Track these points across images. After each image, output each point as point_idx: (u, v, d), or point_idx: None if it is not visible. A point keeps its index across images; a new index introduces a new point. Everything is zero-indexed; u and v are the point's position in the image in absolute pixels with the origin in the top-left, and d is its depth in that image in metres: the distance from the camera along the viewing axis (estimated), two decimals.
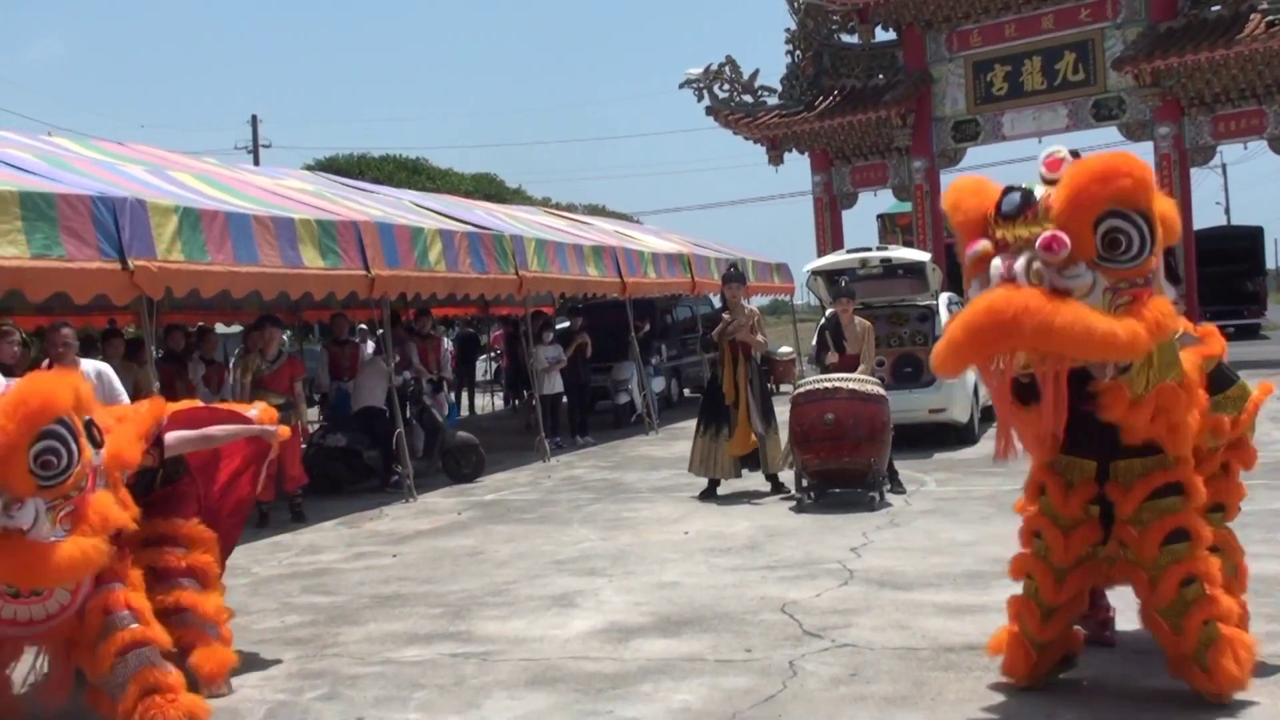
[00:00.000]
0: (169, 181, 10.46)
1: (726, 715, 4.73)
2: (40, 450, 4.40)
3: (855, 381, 10.01)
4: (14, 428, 4.35)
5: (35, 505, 4.44)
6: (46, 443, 4.42)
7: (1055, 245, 4.10)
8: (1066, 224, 4.15)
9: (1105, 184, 4.12)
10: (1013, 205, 4.28)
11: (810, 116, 26.21)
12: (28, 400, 4.41)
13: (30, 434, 4.38)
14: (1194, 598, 4.41)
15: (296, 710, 5.16)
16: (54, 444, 4.44)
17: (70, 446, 4.50)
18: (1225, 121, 22.82)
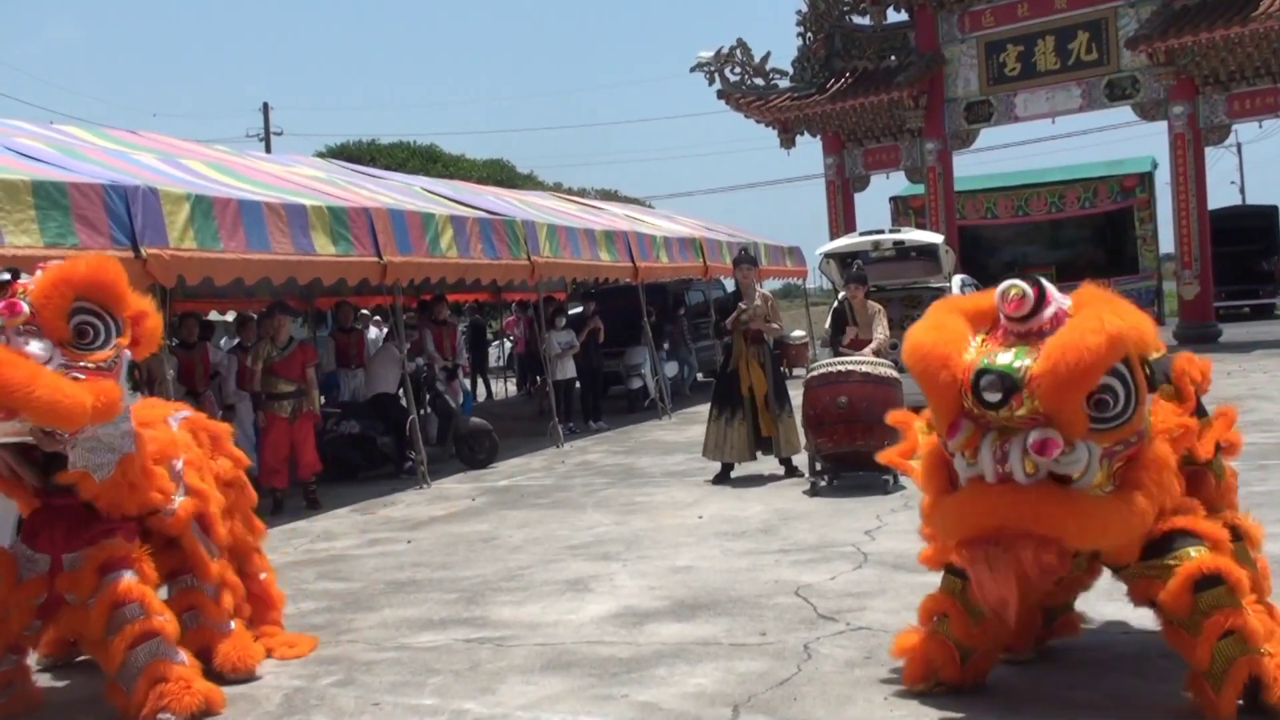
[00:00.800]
0: (181, 169, 10.48)
1: (741, 698, 4.73)
2: (79, 320, 4.73)
3: (868, 364, 9.99)
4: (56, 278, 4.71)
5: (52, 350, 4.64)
6: (85, 316, 4.76)
7: (1049, 450, 3.91)
8: (1054, 410, 3.92)
9: (1092, 367, 3.87)
10: (995, 393, 3.96)
11: (822, 99, 26.13)
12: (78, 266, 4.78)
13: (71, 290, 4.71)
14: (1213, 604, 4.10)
15: (312, 696, 5.18)
16: (93, 320, 4.78)
17: (109, 331, 4.82)
18: (1240, 100, 22.70)
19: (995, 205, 33.97)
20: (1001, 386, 3.95)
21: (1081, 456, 3.94)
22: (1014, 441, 3.97)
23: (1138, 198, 32.68)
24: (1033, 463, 3.94)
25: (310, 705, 5.05)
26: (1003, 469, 4.01)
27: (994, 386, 3.96)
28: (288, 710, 5.01)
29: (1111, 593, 5.96)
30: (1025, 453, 3.95)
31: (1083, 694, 4.53)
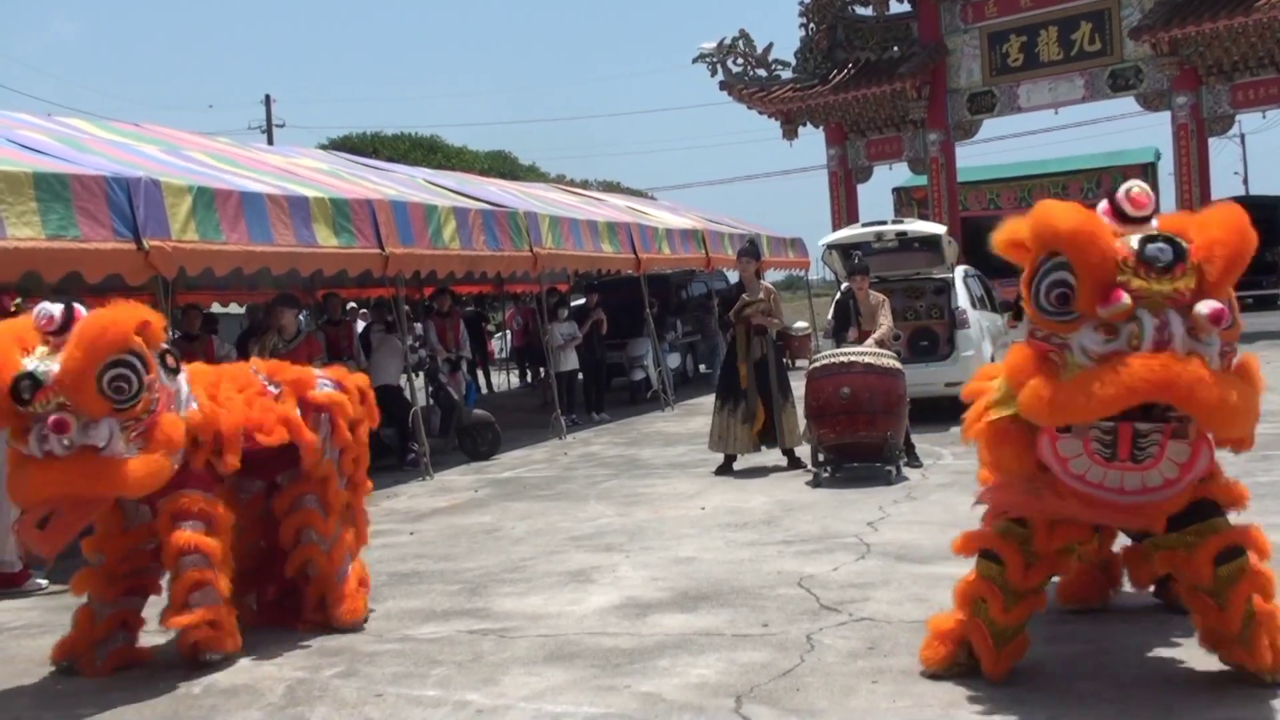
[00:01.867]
0: (184, 160, 10.47)
1: (744, 689, 4.73)
2: (112, 376, 4.99)
3: (871, 355, 9.98)
4: (83, 355, 4.94)
5: (109, 425, 5.04)
6: (117, 370, 5.01)
7: (1223, 319, 3.97)
8: (1214, 285, 4.03)
9: (1249, 244, 4.09)
10: (1165, 259, 4.01)
11: (824, 90, 26.11)
12: (97, 330, 4.99)
13: (99, 361, 4.96)
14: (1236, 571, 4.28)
15: (315, 687, 5.18)
16: (124, 371, 5.03)
17: (139, 373, 5.09)
18: (1244, 90, 22.66)
19: (998, 196, 33.98)
20: (1172, 252, 4.02)
21: (1216, 340, 4.05)
22: (1169, 314, 3.98)
23: None
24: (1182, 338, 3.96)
25: (313, 696, 5.06)
26: (1161, 338, 3.97)
27: (1164, 252, 4.02)
28: (290, 701, 5.01)
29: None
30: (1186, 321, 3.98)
31: (1086, 684, 4.52)
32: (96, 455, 5.02)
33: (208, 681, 5.36)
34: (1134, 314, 3.99)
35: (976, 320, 13.38)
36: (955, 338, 13.15)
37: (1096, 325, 4.06)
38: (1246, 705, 4.20)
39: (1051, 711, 4.26)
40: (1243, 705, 4.20)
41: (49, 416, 4.91)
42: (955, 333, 13.18)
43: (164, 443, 5.23)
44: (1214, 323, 3.95)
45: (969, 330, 13.11)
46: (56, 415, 4.90)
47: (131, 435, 5.11)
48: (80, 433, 4.97)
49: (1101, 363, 4.02)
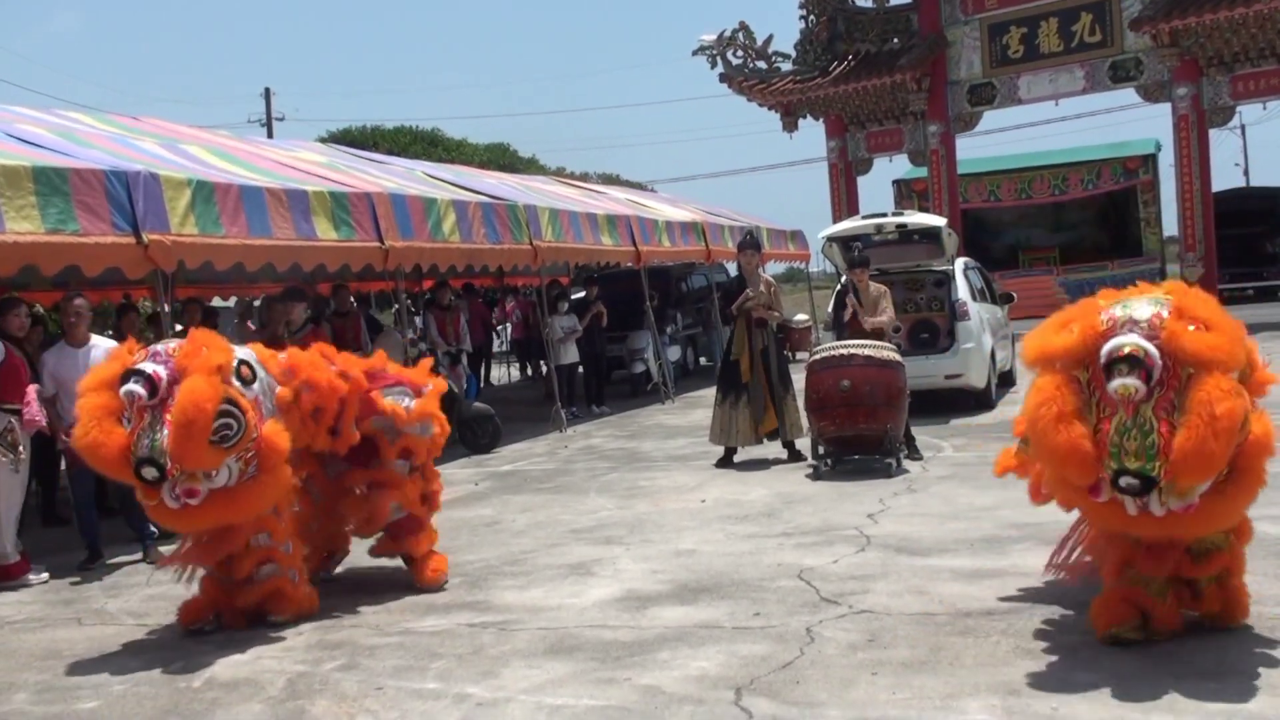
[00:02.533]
0: (182, 155, 10.46)
1: (744, 681, 4.73)
2: (217, 428, 5.49)
3: (871, 348, 9.98)
4: (189, 438, 5.41)
5: (227, 466, 5.67)
6: (220, 422, 5.51)
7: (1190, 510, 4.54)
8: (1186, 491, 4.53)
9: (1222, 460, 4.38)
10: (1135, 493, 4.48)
11: (824, 82, 26.08)
12: (194, 410, 5.41)
13: (206, 434, 5.45)
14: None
15: (316, 680, 5.19)
16: (226, 420, 5.54)
17: (237, 415, 5.60)
18: (1244, 81, 22.63)
19: (998, 188, 33.91)
20: (1141, 484, 4.41)
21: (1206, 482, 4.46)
22: (1150, 496, 4.46)
23: (1141, 180, 32.63)
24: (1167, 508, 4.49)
25: (314, 690, 5.06)
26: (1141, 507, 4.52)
27: (1133, 486, 4.43)
28: (291, 695, 5.02)
29: None
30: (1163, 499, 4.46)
31: (1085, 675, 4.53)
32: (226, 492, 5.71)
33: (208, 674, 5.37)
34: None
35: (977, 312, 13.36)
36: (955, 330, 13.14)
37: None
38: (1246, 696, 4.21)
39: (1051, 703, 4.27)
40: (1242, 696, 4.21)
41: (177, 487, 5.59)
42: (955, 325, 13.16)
43: (274, 454, 5.82)
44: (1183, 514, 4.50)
45: (969, 322, 13.10)
46: (185, 486, 5.58)
47: (247, 459, 5.72)
48: (206, 486, 5.63)
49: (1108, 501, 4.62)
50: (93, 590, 7.47)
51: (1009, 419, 12.25)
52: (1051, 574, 5.65)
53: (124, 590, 7.40)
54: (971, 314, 13.20)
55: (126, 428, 5.63)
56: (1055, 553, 5.56)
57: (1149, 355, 4.40)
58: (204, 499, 5.66)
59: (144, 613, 6.71)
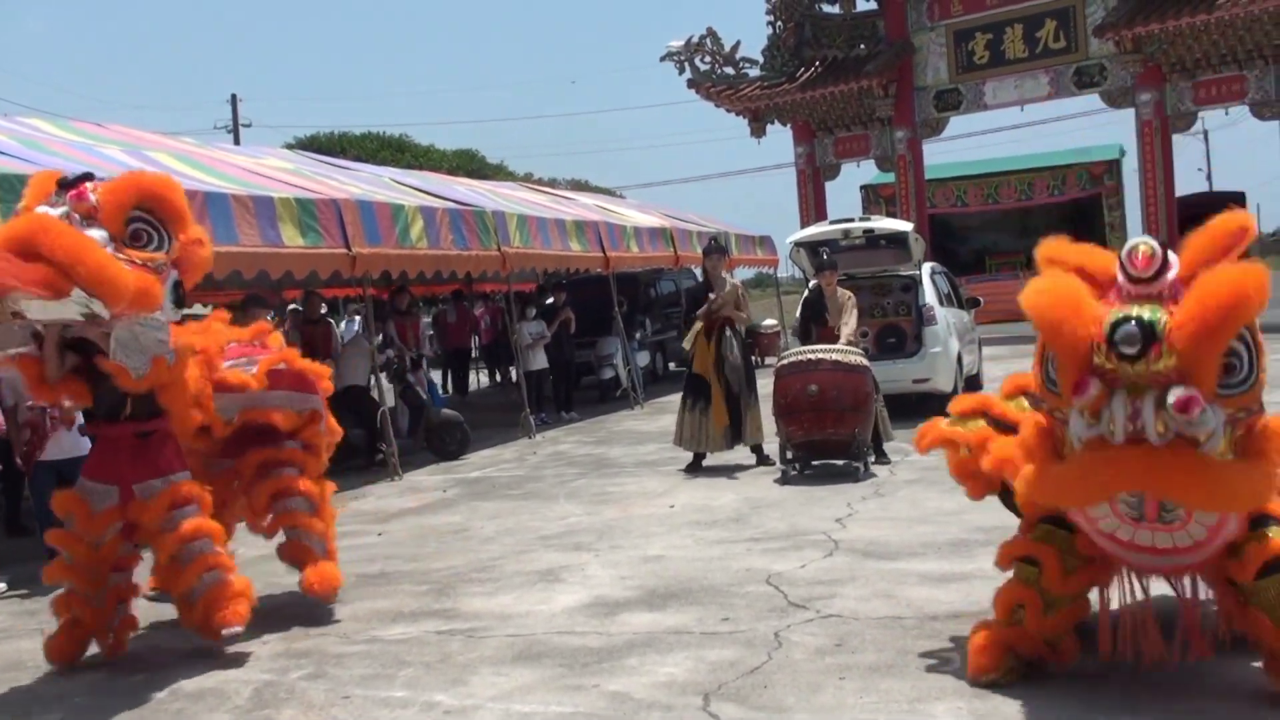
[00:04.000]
0: (146, 162, 10.36)
1: (712, 687, 4.74)
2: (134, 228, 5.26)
3: (838, 352, 10.01)
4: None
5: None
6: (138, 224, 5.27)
7: (1192, 408, 3.69)
8: (1193, 363, 3.74)
9: (1240, 312, 3.74)
10: (1133, 342, 3.77)
11: (792, 88, 26.17)
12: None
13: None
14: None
15: (282, 690, 5.16)
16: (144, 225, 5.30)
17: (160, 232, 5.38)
18: (1206, 87, 22.86)
19: (965, 193, 34.10)
20: (1141, 336, 3.78)
21: (1211, 419, 3.76)
22: (1146, 400, 3.78)
23: (1106, 185, 32.88)
24: (1165, 423, 3.75)
25: (280, 699, 5.04)
26: (1133, 427, 3.80)
27: (1132, 337, 3.79)
28: (258, 704, 4.99)
29: None
30: (1159, 410, 3.75)
31: (1054, 679, 4.55)
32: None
33: (174, 686, 5.33)
34: (1110, 397, 3.85)
35: (944, 317, 13.43)
36: (923, 334, 13.21)
37: (1080, 409, 3.94)
38: (1210, 698, 4.25)
39: (1017, 705, 4.29)
40: (1205, 698, 4.25)
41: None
42: (923, 329, 13.23)
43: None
44: (1182, 412, 3.70)
45: (936, 327, 13.16)
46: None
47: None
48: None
49: (1086, 449, 3.94)
50: None
51: None
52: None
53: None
54: (938, 318, 13.26)
55: None
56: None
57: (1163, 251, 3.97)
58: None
59: None
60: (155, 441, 5.73)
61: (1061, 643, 4.52)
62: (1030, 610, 4.46)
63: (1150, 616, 4.47)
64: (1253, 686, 4.30)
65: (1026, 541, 4.59)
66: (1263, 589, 4.09)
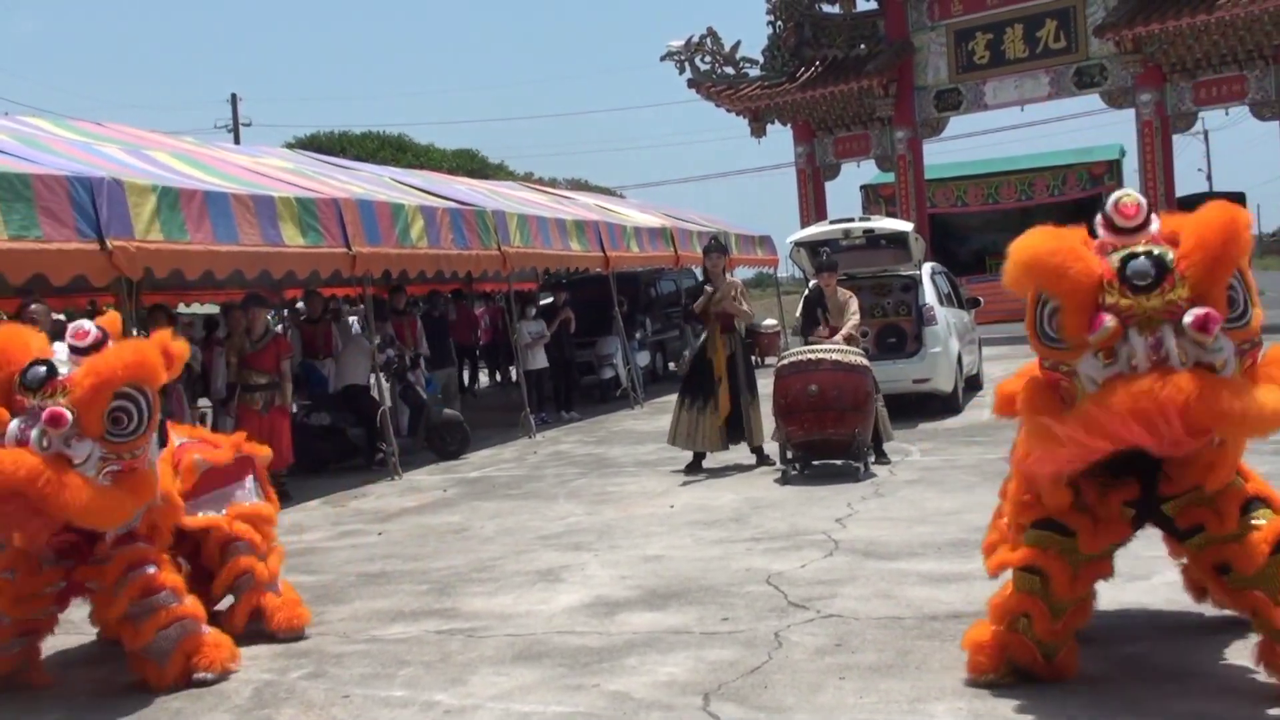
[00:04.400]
0: (147, 161, 10.39)
1: (712, 687, 4.74)
2: (116, 407, 4.90)
3: (838, 352, 10.01)
4: (108, 370, 4.89)
5: (92, 448, 4.88)
6: (122, 402, 4.93)
7: (1212, 324, 3.84)
8: (1205, 291, 3.91)
9: (1237, 243, 3.95)
10: (1147, 275, 3.93)
11: (792, 88, 26.17)
12: (133, 355, 4.99)
13: (118, 383, 4.89)
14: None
15: (282, 689, 5.16)
16: (128, 405, 4.94)
17: (143, 414, 5.00)
18: (1207, 88, 22.85)
19: (965, 193, 34.13)
20: (1154, 267, 3.94)
21: (1225, 345, 3.93)
22: (1164, 329, 3.92)
23: (1107, 185, 32.83)
24: (1185, 350, 3.89)
25: (280, 699, 5.03)
26: (1156, 356, 3.92)
27: (1144, 269, 3.94)
28: (258, 704, 4.99)
29: None
30: (1180, 338, 3.90)
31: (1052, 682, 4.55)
32: (66, 467, 4.79)
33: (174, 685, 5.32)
34: (1125, 334, 3.94)
35: (944, 317, 13.43)
36: (923, 334, 13.21)
37: (1095, 350, 4.00)
38: (1212, 698, 4.24)
39: (1017, 705, 4.29)
40: (1208, 698, 4.24)
41: (47, 408, 4.79)
42: (923, 329, 13.23)
43: (133, 489, 5.05)
44: (1201, 330, 3.84)
45: (936, 327, 13.16)
46: (56, 408, 4.76)
47: (106, 469, 4.91)
48: (63, 438, 4.81)
49: (1106, 387, 3.97)
50: None
51: (976, 423, 12.39)
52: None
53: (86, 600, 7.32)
54: (938, 319, 13.27)
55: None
56: None
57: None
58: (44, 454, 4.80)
59: None
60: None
61: (1060, 653, 4.47)
62: (1038, 619, 4.40)
63: None
64: (1252, 687, 4.30)
65: (1028, 551, 4.46)
66: (1270, 575, 4.13)
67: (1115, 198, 4.22)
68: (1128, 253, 4.02)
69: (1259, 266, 43.03)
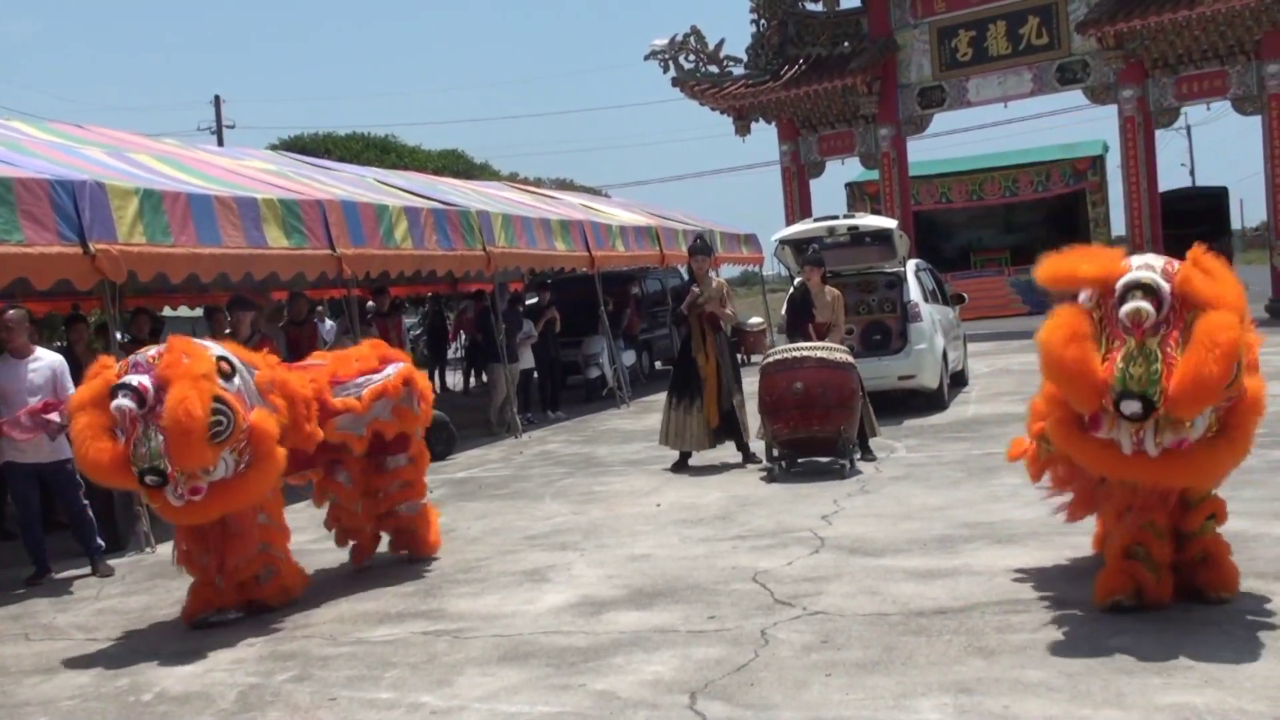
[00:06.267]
0: (129, 163, 10.35)
1: (698, 685, 4.74)
2: (209, 425, 5.75)
3: (823, 350, 10.02)
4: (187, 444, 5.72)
5: (224, 460, 6.00)
6: (212, 419, 5.76)
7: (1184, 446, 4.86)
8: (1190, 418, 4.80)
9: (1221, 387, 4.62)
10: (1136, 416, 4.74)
11: (776, 86, 26.18)
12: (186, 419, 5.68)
13: (203, 440, 5.73)
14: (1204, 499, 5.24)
15: (268, 692, 5.15)
16: (217, 418, 5.79)
17: (227, 412, 5.84)
18: (1188, 83, 22.93)
19: (950, 190, 34.22)
20: (1142, 406, 4.68)
21: (1200, 425, 4.78)
22: (1147, 429, 4.78)
23: (1089, 181, 33.02)
24: (1161, 445, 4.80)
25: (265, 702, 5.02)
26: (1136, 444, 4.83)
27: (1135, 412, 4.71)
28: (243, 707, 4.98)
29: (1072, 575, 6.04)
30: (1158, 434, 4.78)
31: (1036, 673, 4.56)
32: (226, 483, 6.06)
33: (159, 688, 5.32)
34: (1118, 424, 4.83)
35: (929, 314, 13.46)
36: (908, 331, 13.23)
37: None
38: (1194, 690, 4.26)
39: (1003, 700, 4.30)
40: (1189, 690, 4.26)
41: (180, 487, 5.93)
42: (908, 326, 13.25)
43: (265, 439, 6.12)
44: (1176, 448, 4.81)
45: (921, 324, 13.19)
46: (189, 485, 5.93)
47: (241, 449, 6.04)
48: (207, 480, 5.98)
49: (1103, 444, 4.95)
50: (41, 605, 7.38)
51: (962, 419, 12.42)
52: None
53: (72, 605, 7.32)
54: (924, 315, 13.29)
55: (119, 439, 5.93)
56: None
57: (1161, 288, 4.81)
58: (207, 493, 6.00)
59: (93, 627, 6.64)
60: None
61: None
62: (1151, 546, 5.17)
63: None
64: (1237, 680, 4.32)
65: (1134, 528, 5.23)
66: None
67: (1129, 311, 4.80)
68: (1121, 389, 4.70)
69: (1241, 261, 43.14)
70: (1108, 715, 4.11)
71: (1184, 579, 5.26)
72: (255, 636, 6.08)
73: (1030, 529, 7.01)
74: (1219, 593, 5.24)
